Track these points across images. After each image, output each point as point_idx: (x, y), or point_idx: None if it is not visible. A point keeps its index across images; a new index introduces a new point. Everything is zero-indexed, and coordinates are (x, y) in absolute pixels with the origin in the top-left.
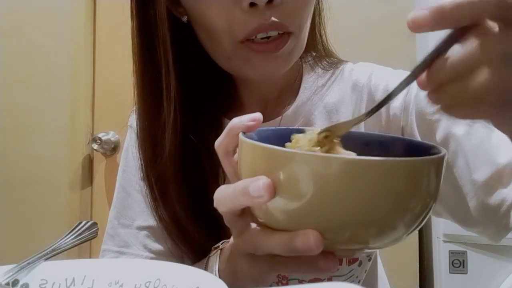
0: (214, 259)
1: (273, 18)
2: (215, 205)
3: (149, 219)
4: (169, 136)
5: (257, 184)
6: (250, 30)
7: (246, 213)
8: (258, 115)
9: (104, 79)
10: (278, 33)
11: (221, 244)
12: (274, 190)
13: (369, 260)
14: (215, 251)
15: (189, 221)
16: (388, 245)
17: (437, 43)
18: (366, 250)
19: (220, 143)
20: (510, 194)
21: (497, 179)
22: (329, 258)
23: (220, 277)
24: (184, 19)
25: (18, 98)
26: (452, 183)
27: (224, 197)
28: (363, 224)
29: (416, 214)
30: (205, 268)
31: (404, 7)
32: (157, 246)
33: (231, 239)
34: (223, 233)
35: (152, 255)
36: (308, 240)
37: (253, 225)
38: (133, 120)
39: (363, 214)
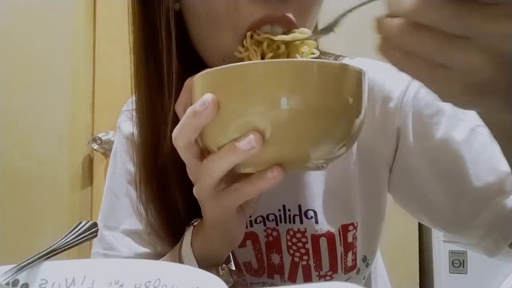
0: (188, 234)
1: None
2: (173, 142)
3: (136, 224)
4: (170, 126)
5: (202, 100)
6: (255, 20)
7: (205, 157)
8: (208, 70)
9: (104, 79)
10: (284, 31)
11: (195, 221)
12: (217, 103)
13: (367, 266)
14: (188, 228)
15: (189, 219)
16: (327, 156)
17: None
18: (314, 161)
19: (178, 102)
20: (510, 202)
21: (499, 188)
22: (274, 168)
23: (193, 249)
24: (176, 6)
25: (18, 98)
26: (448, 189)
27: (179, 129)
28: (288, 123)
29: (340, 114)
30: (180, 245)
31: None
32: (143, 249)
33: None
34: None
35: (137, 257)
36: (248, 138)
37: None
38: (121, 122)
39: (288, 115)
